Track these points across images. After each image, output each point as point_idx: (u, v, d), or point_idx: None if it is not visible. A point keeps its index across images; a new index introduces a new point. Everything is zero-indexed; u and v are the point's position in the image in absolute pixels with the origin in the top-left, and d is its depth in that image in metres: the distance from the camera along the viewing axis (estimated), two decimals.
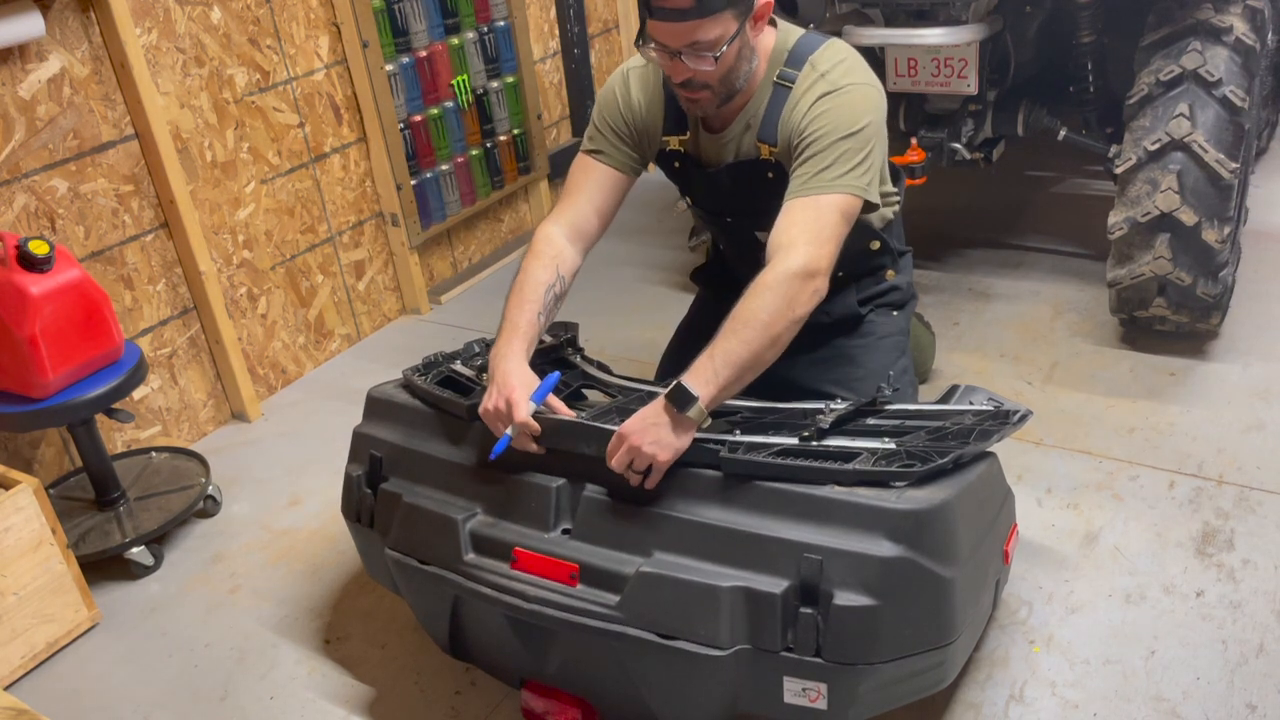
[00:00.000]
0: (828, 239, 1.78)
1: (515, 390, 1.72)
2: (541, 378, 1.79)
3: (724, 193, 2.08)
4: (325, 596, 2.34)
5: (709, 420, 1.73)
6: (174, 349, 2.89)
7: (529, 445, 1.73)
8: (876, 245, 2.21)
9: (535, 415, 1.71)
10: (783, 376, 2.20)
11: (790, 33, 1.97)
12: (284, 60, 3.03)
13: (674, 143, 2.06)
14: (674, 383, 1.66)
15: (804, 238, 1.76)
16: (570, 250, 1.98)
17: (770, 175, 1.98)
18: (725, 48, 1.78)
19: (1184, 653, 1.95)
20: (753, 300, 1.71)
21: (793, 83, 1.90)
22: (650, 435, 1.62)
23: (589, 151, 2.06)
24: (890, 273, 2.28)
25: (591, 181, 2.04)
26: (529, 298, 1.88)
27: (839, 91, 1.87)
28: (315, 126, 3.16)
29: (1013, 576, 2.13)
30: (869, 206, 1.89)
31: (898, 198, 2.24)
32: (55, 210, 2.55)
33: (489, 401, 1.75)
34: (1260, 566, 2.12)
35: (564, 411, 1.77)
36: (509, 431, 1.72)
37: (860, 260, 2.21)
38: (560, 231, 1.99)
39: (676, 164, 2.10)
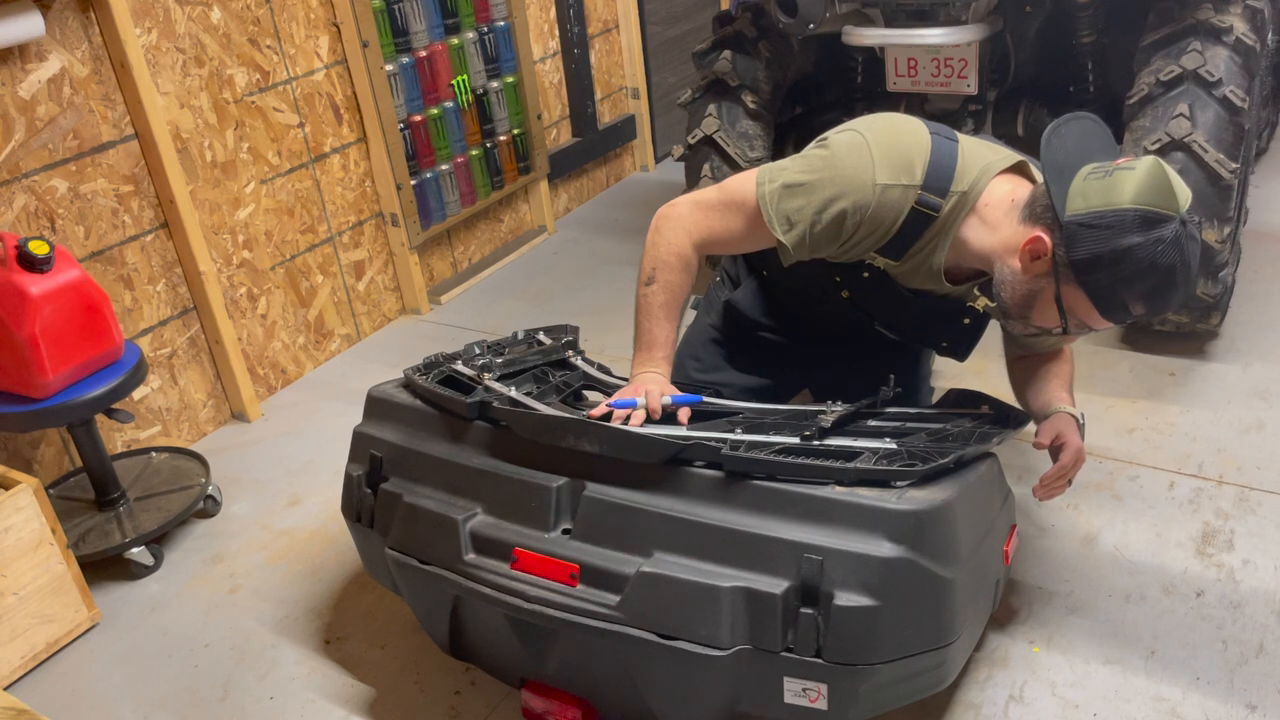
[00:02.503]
0: None
1: (658, 389, 1.82)
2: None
3: (907, 312, 1.94)
4: (325, 596, 2.34)
5: None
6: (174, 349, 2.89)
7: (638, 418, 1.76)
8: None
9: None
10: (818, 369, 2.19)
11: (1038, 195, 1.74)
12: (284, 60, 3.03)
13: (881, 262, 1.84)
14: (1081, 413, 1.89)
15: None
16: (698, 269, 1.93)
17: (966, 321, 1.93)
18: None
19: (1184, 653, 1.95)
20: (1069, 367, 2.00)
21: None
22: (1076, 440, 1.84)
23: (780, 232, 1.79)
24: None
25: (754, 240, 1.86)
26: (673, 315, 1.91)
27: None
28: (315, 126, 3.16)
29: (1013, 576, 2.13)
30: None
31: None
32: (55, 210, 2.55)
33: (645, 400, 1.80)
34: (1260, 566, 2.12)
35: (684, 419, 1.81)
36: (639, 399, 1.79)
37: None
38: (696, 254, 1.90)
39: (867, 274, 1.88)
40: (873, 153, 1.73)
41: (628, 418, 1.76)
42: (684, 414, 1.81)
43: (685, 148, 3.30)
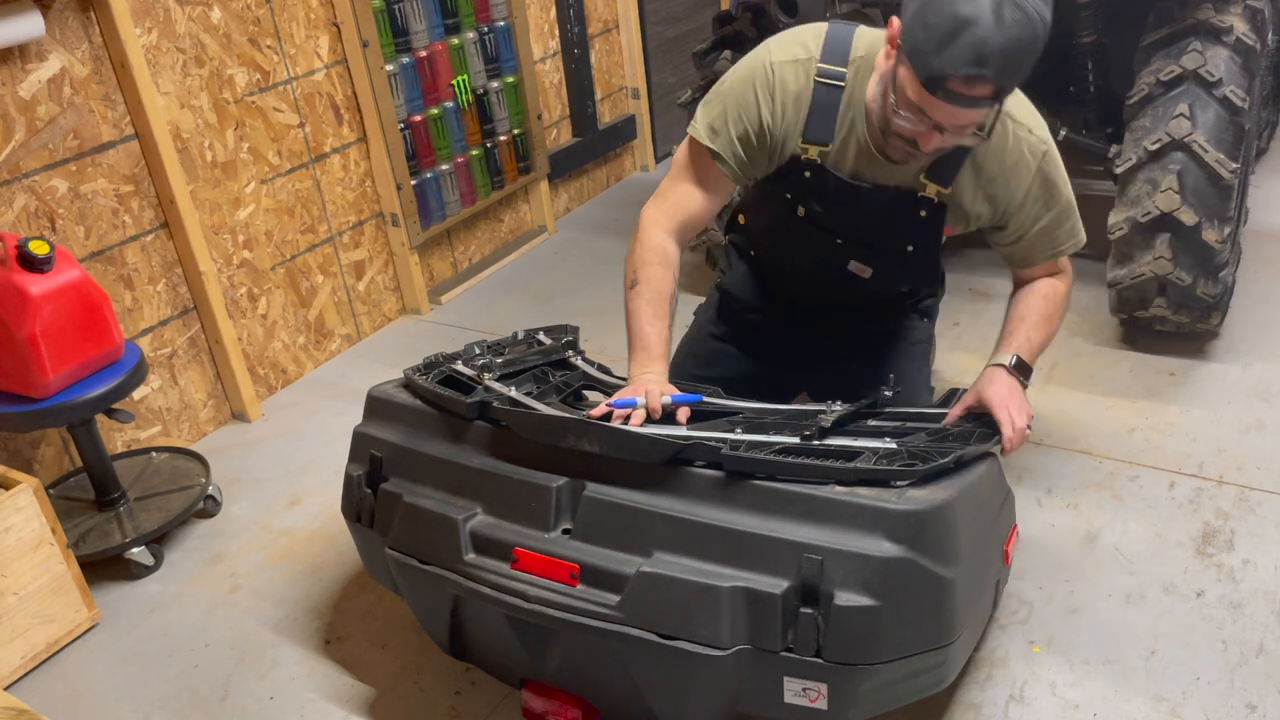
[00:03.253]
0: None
1: (657, 389, 1.81)
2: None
3: (859, 212, 1.94)
4: (325, 596, 2.34)
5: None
6: (174, 349, 2.89)
7: (638, 417, 1.76)
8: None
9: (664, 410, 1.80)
10: (808, 382, 2.19)
11: None
12: (284, 60, 3.03)
13: (813, 152, 1.89)
14: (1014, 357, 1.84)
15: (1067, 265, 1.97)
16: (678, 254, 1.95)
17: (922, 214, 1.91)
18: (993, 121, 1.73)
19: (1184, 653, 1.95)
20: (1053, 301, 1.92)
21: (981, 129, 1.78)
22: (1012, 399, 1.78)
23: (710, 151, 1.90)
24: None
25: (707, 186, 1.95)
26: (661, 312, 1.90)
27: (1050, 153, 1.86)
28: (315, 126, 3.16)
29: (1013, 576, 2.13)
30: None
31: None
32: (55, 210, 2.55)
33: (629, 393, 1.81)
34: (1260, 566, 2.12)
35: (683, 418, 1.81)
36: (639, 399, 1.78)
37: (920, 289, 2.23)
38: (669, 238, 1.95)
39: (808, 173, 1.92)
40: (769, 45, 1.90)
41: (627, 418, 1.76)
42: (683, 414, 1.80)
43: None
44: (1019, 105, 1.84)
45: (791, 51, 1.86)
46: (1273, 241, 3.37)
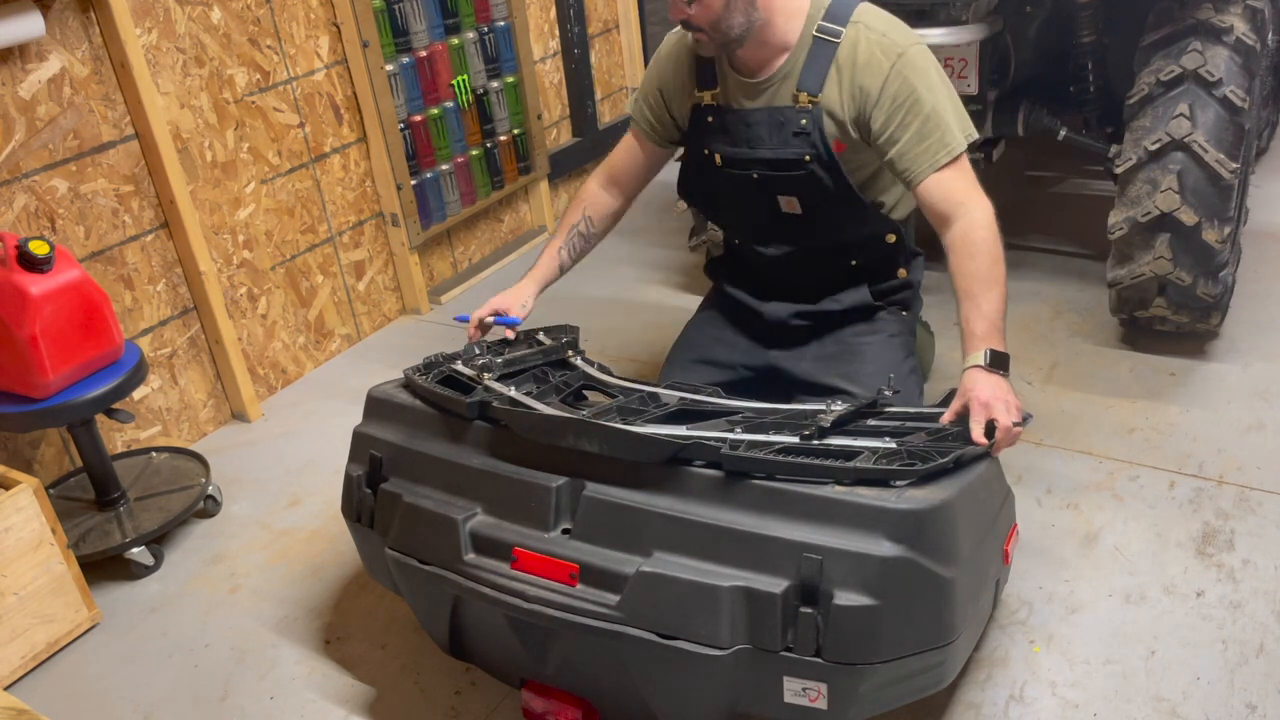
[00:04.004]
0: (979, 188, 1.98)
1: (496, 297, 2.18)
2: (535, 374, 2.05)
3: (754, 138, 2.13)
4: (325, 596, 2.34)
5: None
6: (174, 349, 2.89)
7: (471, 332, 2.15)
8: (893, 239, 2.24)
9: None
10: (790, 371, 2.23)
11: None
12: (284, 60, 3.03)
13: (707, 97, 2.16)
14: (986, 353, 1.80)
15: (968, 195, 1.95)
16: (604, 195, 2.32)
17: (804, 122, 2.06)
18: None
19: (1184, 653, 1.95)
20: (978, 257, 1.88)
21: (837, 37, 2.01)
22: (998, 395, 1.75)
23: (632, 122, 2.30)
24: (902, 271, 2.29)
25: (624, 145, 2.34)
26: (555, 238, 2.29)
27: (911, 55, 1.98)
28: (315, 126, 3.16)
29: (1013, 576, 2.13)
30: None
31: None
32: (55, 210, 2.55)
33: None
34: (1260, 566, 2.12)
35: (507, 332, 2.15)
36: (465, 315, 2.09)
37: (875, 249, 2.25)
38: (595, 181, 2.34)
39: (710, 118, 2.17)
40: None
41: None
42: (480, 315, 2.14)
43: None
44: (877, 19, 2.03)
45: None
46: (1273, 241, 3.37)
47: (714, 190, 2.27)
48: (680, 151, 2.32)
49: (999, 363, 1.80)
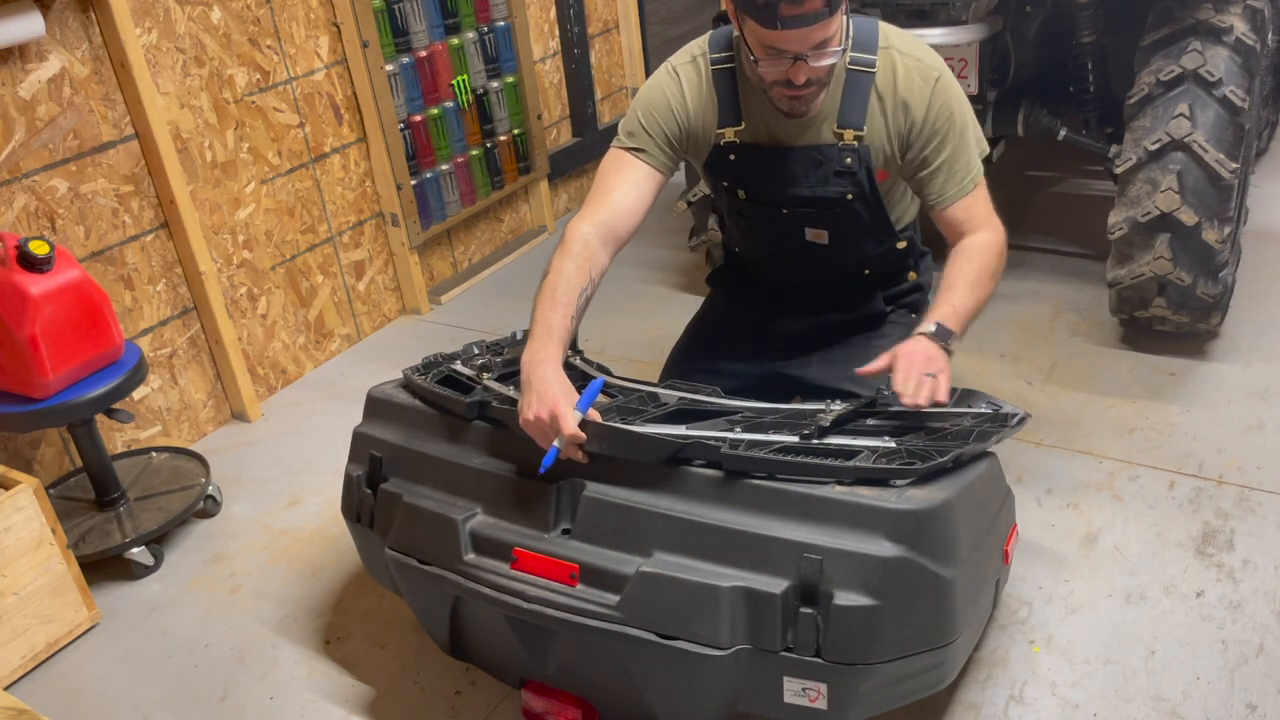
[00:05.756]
0: (995, 212, 2.00)
1: (559, 402, 1.66)
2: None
3: (789, 177, 2.03)
4: (325, 596, 2.34)
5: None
6: (174, 349, 2.89)
7: (576, 455, 1.69)
8: (903, 245, 2.21)
9: (581, 425, 1.66)
10: (797, 377, 2.21)
11: None
12: (284, 60, 3.03)
13: (729, 134, 2.02)
14: (935, 325, 1.81)
15: (988, 220, 1.97)
16: (602, 253, 1.93)
17: (848, 160, 1.98)
18: (843, 36, 1.84)
19: (1184, 653, 1.95)
20: (977, 262, 1.91)
21: (871, 67, 1.93)
22: (923, 359, 1.75)
23: (630, 149, 2.00)
24: (912, 274, 2.28)
25: (628, 181, 2.00)
26: (562, 300, 1.82)
27: (946, 79, 1.95)
28: (315, 126, 3.16)
29: (1013, 576, 2.13)
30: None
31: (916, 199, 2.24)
32: (55, 210, 2.55)
33: (530, 412, 1.68)
34: (1260, 566, 2.12)
35: (598, 418, 1.72)
36: (557, 444, 1.66)
37: (888, 259, 2.22)
38: (594, 232, 1.93)
39: (733, 156, 2.04)
40: (667, 60, 2.08)
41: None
42: (596, 415, 1.71)
43: None
44: (904, 40, 1.96)
45: (686, 56, 2.05)
46: (1273, 241, 3.37)
47: (733, 218, 2.20)
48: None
49: (942, 335, 1.82)
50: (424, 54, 3.35)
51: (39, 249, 2.18)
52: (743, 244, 2.29)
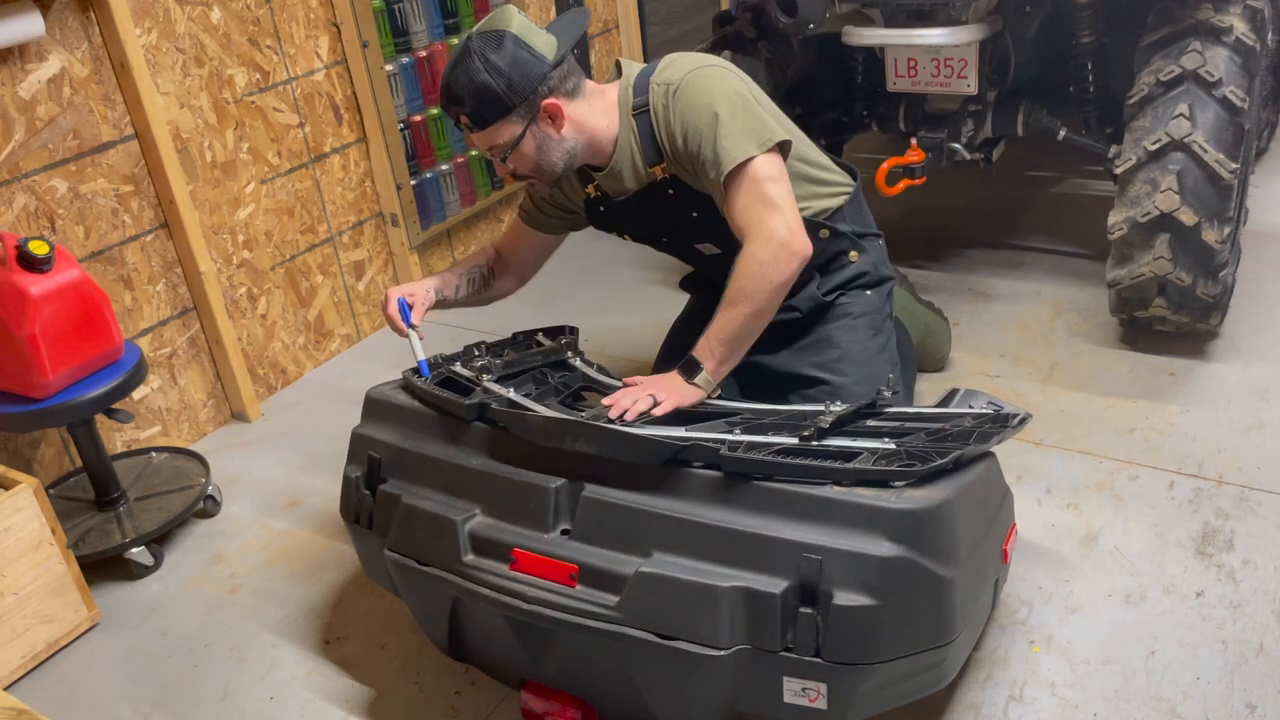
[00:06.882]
0: (776, 203, 1.91)
1: (393, 289, 2.13)
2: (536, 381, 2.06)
3: (643, 218, 2.20)
4: (325, 596, 2.34)
5: (718, 390, 1.96)
6: (174, 349, 2.89)
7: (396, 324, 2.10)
8: (826, 234, 2.23)
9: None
10: (767, 366, 2.24)
11: (632, 69, 2.10)
12: (284, 60, 3.03)
13: (592, 190, 2.20)
14: (687, 357, 1.93)
15: (756, 213, 1.91)
16: (506, 278, 2.37)
17: (671, 192, 2.10)
18: (512, 150, 1.98)
19: (1184, 653, 1.95)
20: (734, 281, 1.92)
21: (646, 108, 2.03)
22: (659, 384, 1.90)
23: (520, 209, 2.35)
24: (854, 254, 2.29)
25: (512, 231, 2.40)
26: (459, 268, 2.30)
27: (683, 84, 1.98)
28: (315, 126, 3.16)
29: (1013, 576, 2.13)
30: (787, 148, 2.01)
31: (846, 188, 2.28)
32: (55, 210, 2.55)
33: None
34: (1260, 566, 2.12)
35: (419, 310, 2.11)
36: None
37: (815, 252, 2.22)
38: (497, 249, 2.39)
39: (602, 208, 2.22)
40: None
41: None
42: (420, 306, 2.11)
43: None
44: (667, 66, 2.04)
45: None
46: (1273, 241, 3.37)
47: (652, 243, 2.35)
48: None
49: (688, 368, 1.93)
50: (424, 54, 3.35)
51: (39, 249, 2.18)
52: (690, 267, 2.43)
